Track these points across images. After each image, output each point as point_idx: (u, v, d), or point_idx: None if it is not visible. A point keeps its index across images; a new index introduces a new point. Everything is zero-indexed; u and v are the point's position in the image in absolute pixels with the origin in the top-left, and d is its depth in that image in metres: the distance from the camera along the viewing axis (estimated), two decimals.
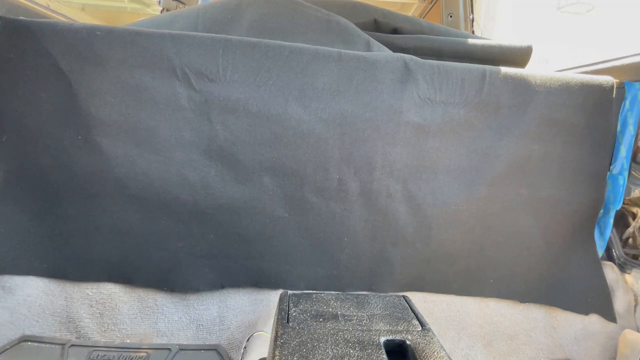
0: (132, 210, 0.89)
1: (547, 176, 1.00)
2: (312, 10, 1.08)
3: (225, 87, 0.87)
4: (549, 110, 0.97)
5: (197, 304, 0.91)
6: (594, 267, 1.06)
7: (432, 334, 0.55)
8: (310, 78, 0.89)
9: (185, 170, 0.90)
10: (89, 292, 0.88)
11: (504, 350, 0.98)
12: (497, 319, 1.01)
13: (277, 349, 0.49)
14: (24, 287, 0.85)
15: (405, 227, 0.97)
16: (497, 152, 0.97)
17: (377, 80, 0.91)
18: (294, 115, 0.89)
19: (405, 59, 0.93)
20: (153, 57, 0.84)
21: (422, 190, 0.96)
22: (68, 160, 0.86)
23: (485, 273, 1.02)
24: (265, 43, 0.88)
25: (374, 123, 0.92)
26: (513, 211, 1.00)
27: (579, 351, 0.99)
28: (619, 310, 1.04)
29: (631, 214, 1.15)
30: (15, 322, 0.82)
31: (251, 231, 0.93)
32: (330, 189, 0.94)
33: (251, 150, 0.90)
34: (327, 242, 0.96)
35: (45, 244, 0.88)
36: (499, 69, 0.95)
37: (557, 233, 1.04)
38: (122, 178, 0.88)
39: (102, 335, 0.86)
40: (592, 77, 0.99)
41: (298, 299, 0.64)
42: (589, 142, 1.00)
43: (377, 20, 1.19)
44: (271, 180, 0.92)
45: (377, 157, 0.93)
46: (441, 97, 0.93)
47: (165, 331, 0.88)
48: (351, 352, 0.49)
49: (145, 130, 0.87)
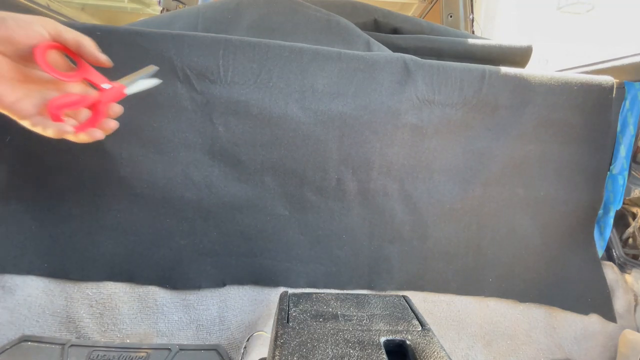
0: (136, 209, 0.90)
1: (544, 176, 1.00)
2: (312, 11, 1.08)
3: (226, 89, 0.88)
4: (547, 111, 0.97)
5: (197, 304, 0.91)
6: (594, 267, 1.06)
7: (432, 334, 0.55)
8: (310, 79, 0.89)
9: (190, 169, 0.90)
10: (89, 292, 0.88)
11: (504, 350, 0.98)
12: (497, 319, 1.01)
13: (277, 349, 0.49)
14: (24, 287, 0.85)
15: (402, 225, 0.98)
16: (493, 153, 0.97)
17: (376, 82, 0.91)
18: (294, 117, 0.89)
19: (405, 59, 0.93)
20: (154, 57, 0.84)
21: (418, 189, 0.97)
22: (72, 160, 0.87)
23: (484, 272, 1.02)
24: (266, 43, 0.88)
25: (372, 125, 0.92)
26: (509, 210, 1.01)
27: (579, 351, 0.99)
28: (619, 310, 1.04)
29: (631, 214, 1.15)
30: (15, 322, 0.82)
31: (253, 229, 0.94)
32: (329, 188, 0.95)
33: (253, 151, 0.91)
34: (326, 239, 0.97)
35: (46, 244, 0.88)
36: (499, 69, 0.95)
37: (556, 232, 1.04)
38: (127, 178, 0.88)
39: (102, 335, 0.86)
40: (592, 77, 0.99)
41: (298, 299, 0.64)
42: (588, 142, 1.01)
43: (377, 20, 1.19)
44: (272, 180, 0.93)
45: (374, 158, 0.94)
46: (439, 98, 0.94)
47: (165, 331, 0.88)
48: (351, 352, 0.49)
49: (149, 130, 0.87)
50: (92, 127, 0.47)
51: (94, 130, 0.47)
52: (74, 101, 0.46)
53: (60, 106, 0.45)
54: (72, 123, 0.46)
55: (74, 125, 0.46)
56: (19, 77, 0.43)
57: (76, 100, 0.46)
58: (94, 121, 0.48)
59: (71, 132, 0.45)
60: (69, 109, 0.46)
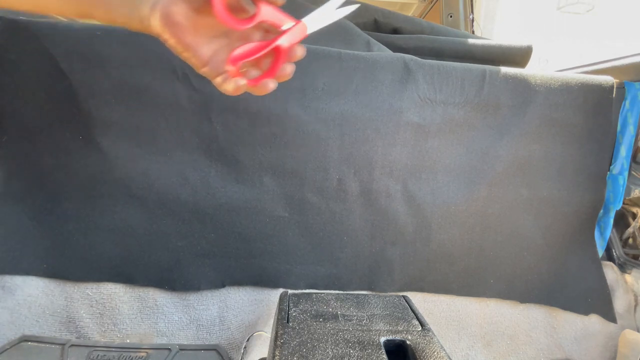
0: (133, 210, 0.89)
1: (547, 176, 1.00)
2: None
3: None
4: (548, 110, 0.96)
5: (197, 304, 0.91)
6: (594, 267, 1.06)
7: (432, 334, 0.55)
8: (310, 78, 0.89)
9: (186, 170, 0.90)
10: (89, 292, 0.88)
11: (504, 350, 0.98)
12: (497, 319, 1.01)
13: (277, 349, 0.49)
14: (24, 287, 0.85)
15: (404, 226, 0.97)
16: (497, 152, 0.97)
17: (377, 81, 0.91)
18: (294, 115, 0.89)
19: (405, 59, 0.92)
20: (153, 57, 0.84)
21: (421, 190, 0.96)
22: (69, 161, 0.86)
23: (486, 273, 1.02)
24: None
25: (373, 123, 0.92)
26: (513, 211, 1.00)
27: (579, 351, 0.99)
28: (619, 310, 1.04)
29: (631, 214, 1.15)
30: (15, 322, 0.82)
31: (252, 230, 0.93)
32: (330, 188, 0.94)
33: (251, 150, 0.90)
34: (327, 241, 0.96)
35: (45, 244, 0.88)
36: (499, 69, 0.95)
37: (557, 233, 1.04)
38: (123, 178, 0.88)
39: (102, 335, 0.86)
40: (592, 77, 0.99)
41: (298, 299, 0.64)
42: (589, 142, 1.00)
43: (377, 20, 1.19)
44: (271, 180, 0.92)
45: (377, 157, 0.93)
46: (441, 97, 0.93)
47: (165, 331, 0.88)
48: (351, 352, 0.49)
49: (146, 130, 0.87)
50: (270, 76, 0.43)
51: (267, 82, 0.43)
52: (251, 50, 0.41)
53: (237, 58, 0.40)
54: (253, 75, 0.43)
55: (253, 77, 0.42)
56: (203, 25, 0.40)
57: (253, 48, 0.41)
58: (273, 69, 0.43)
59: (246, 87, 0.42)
60: (248, 59, 0.41)
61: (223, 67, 0.41)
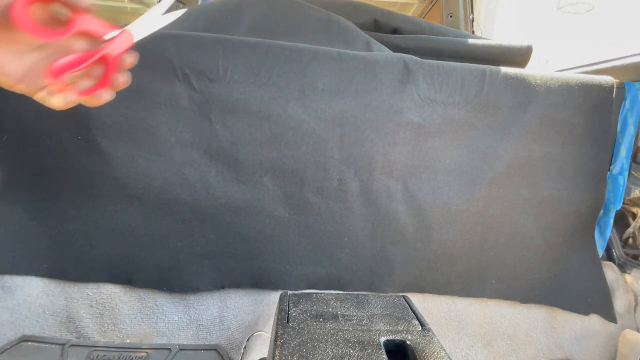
0: (132, 210, 0.89)
1: (547, 176, 1.00)
2: (312, 11, 1.08)
3: (225, 87, 0.87)
4: (549, 110, 0.96)
5: (197, 304, 0.91)
6: (594, 267, 1.06)
7: (432, 334, 0.55)
8: (310, 78, 0.89)
9: (186, 170, 0.90)
10: (89, 292, 0.88)
11: (504, 350, 0.98)
12: (497, 319, 1.01)
13: (277, 349, 0.49)
14: (24, 287, 0.85)
15: (405, 226, 0.97)
16: (498, 152, 0.97)
17: (377, 80, 0.91)
18: (294, 115, 0.89)
19: (405, 59, 0.92)
20: (153, 57, 0.84)
21: (422, 190, 0.96)
22: (68, 161, 0.86)
23: (487, 274, 1.02)
24: (266, 43, 0.88)
25: (374, 123, 0.91)
26: (513, 211, 1.00)
27: (579, 351, 0.99)
28: (619, 310, 1.04)
29: (631, 214, 1.15)
30: (15, 322, 0.82)
31: (251, 230, 0.93)
32: (330, 188, 0.94)
33: (251, 150, 0.90)
34: (327, 242, 0.96)
35: (45, 244, 0.88)
36: (499, 69, 0.95)
37: (558, 233, 1.04)
38: (123, 178, 0.87)
39: (102, 335, 0.86)
40: (592, 77, 0.99)
41: (298, 299, 0.64)
42: (589, 142, 1.00)
43: (377, 20, 1.19)
44: (271, 180, 0.92)
45: (377, 157, 0.93)
46: (441, 97, 0.93)
47: (165, 331, 0.88)
48: (351, 352, 0.49)
49: (145, 130, 0.87)
50: (104, 86, 0.41)
51: (102, 92, 0.41)
52: (74, 61, 0.38)
53: (57, 71, 0.37)
54: (83, 86, 0.40)
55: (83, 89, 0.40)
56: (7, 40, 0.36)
57: (76, 59, 0.39)
58: (105, 79, 0.41)
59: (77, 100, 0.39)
60: (71, 71, 0.38)
61: (43, 81, 0.38)
